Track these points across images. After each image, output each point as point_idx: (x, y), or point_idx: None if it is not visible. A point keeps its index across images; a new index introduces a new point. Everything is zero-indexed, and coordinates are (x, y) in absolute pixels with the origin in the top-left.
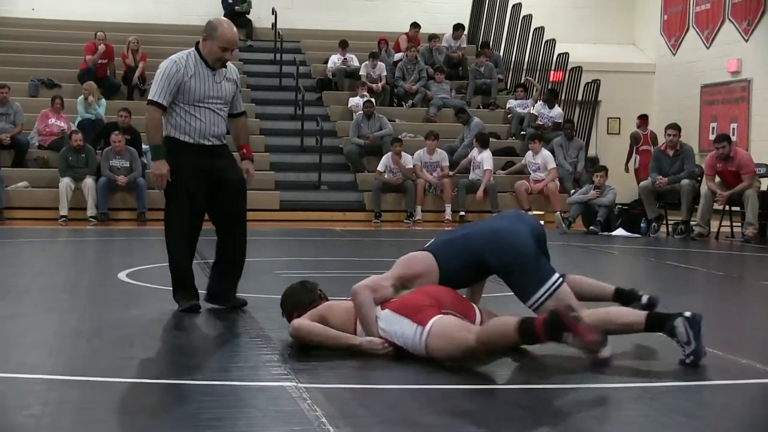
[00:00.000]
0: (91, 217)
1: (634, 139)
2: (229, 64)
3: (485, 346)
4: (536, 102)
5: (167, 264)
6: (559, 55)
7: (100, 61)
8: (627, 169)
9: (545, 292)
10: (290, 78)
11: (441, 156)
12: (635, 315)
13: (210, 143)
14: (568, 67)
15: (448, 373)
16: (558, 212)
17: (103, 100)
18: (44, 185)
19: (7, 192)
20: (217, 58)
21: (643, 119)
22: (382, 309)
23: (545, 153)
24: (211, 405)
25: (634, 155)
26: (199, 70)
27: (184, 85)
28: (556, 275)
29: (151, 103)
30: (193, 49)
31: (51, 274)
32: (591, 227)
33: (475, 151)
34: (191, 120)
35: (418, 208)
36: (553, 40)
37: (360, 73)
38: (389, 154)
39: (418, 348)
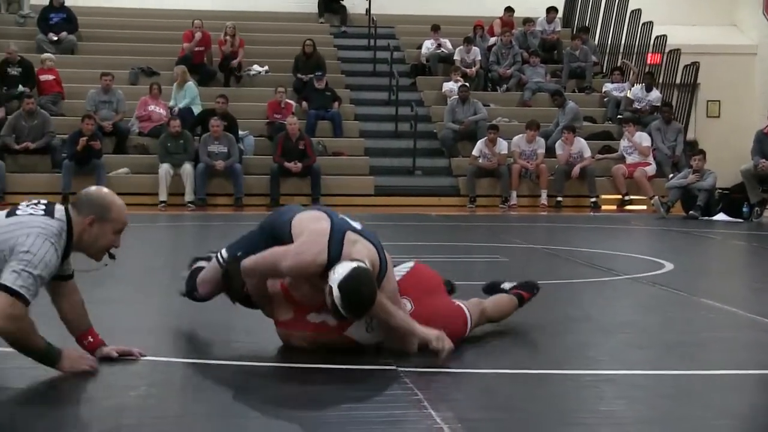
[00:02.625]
0: (189, 202)
1: None
2: None
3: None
4: (633, 85)
5: None
6: (657, 37)
7: (196, 49)
8: None
9: None
10: (384, 63)
11: (539, 144)
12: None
13: None
14: (666, 50)
15: (549, 357)
16: (656, 197)
17: (190, 83)
18: (144, 171)
19: (108, 178)
20: (106, 247)
21: None
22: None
23: (640, 134)
24: (311, 388)
25: None
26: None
27: None
28: None
29: (18, 296)
30: (65, 223)
31: (151, 259)
32: (690, 212)
33: (561, 145)
34: None
35: (513, 193)
36: (651, 23)
37: (454, 58)
38: (484, 139)
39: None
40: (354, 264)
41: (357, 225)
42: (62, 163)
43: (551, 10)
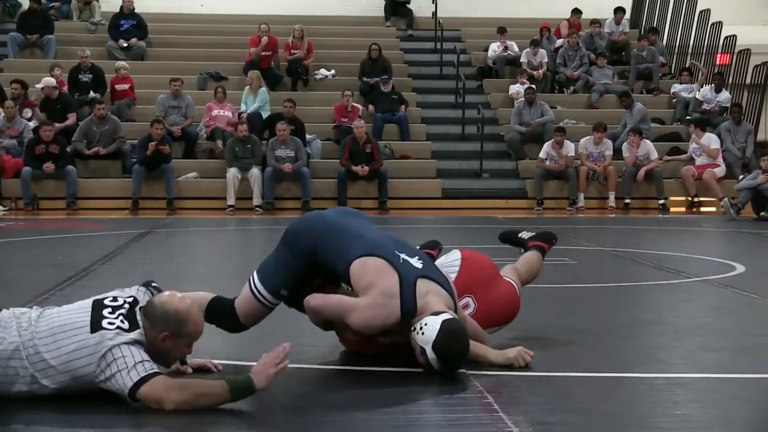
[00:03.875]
0: (256, 206)
1: None
2: None
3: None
4: (702, 86)
5: None
6: (726, 37)
7: (263, 53)
8: None
9: None
10: (451, 66)
11: (606, 146)
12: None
13: None
14: (736, 50)
15: (621, 360)
16: (726, 198)
17: (263, 88)
18: (212, 175)
19: (177, 182)
20: (178, 358)
21: None
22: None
23: (709, 136)
24: (379, 390)
25: None
26: None
27: None
28: None
29: (152, 376)
30: (138, 336)
31: (224, 262)
32: (762, 213)
33: (627, 147)
34: None
35: (581, 196)
36: (720, 23)
37: (521, 60)
38: (551, 141)
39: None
40: (440, 319)
41: (418, 263)
42: (132, 168)
43: (619, 11)
